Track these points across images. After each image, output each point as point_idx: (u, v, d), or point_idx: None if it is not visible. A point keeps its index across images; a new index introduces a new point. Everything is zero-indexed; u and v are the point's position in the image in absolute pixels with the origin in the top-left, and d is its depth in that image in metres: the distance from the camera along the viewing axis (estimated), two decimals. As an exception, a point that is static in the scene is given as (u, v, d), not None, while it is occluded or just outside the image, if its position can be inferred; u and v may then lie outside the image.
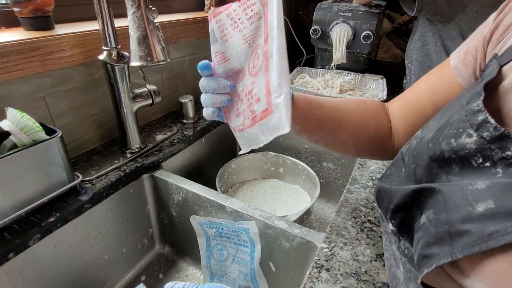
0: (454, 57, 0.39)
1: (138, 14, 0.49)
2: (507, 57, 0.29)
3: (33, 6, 0.55)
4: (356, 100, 0.47)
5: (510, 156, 0.22)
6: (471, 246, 0.21)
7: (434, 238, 0.24)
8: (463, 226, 0.22)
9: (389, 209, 0.30)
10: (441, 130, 0.27)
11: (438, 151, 0.26)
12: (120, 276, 0.68)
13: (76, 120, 0.64)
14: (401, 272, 0.32)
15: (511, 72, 0.27)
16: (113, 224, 0.63)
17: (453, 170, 0.25)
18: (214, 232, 0.61)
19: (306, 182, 0.84)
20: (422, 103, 0.41)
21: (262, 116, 0.32)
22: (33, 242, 0.48)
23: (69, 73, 0.60)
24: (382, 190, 0.32)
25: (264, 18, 0.32)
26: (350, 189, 0.59)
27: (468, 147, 0.24)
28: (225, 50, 0.36)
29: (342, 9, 1.01)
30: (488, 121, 0.24)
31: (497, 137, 0.23)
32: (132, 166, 0.64)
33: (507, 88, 0.27)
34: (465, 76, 0.36)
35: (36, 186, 0.49)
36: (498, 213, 0.21)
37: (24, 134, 0.46)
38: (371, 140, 0.45)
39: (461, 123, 0.26)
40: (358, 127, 0.44)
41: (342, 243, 0.47)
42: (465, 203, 0.23)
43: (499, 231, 0.20)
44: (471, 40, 0.37)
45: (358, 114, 0.44)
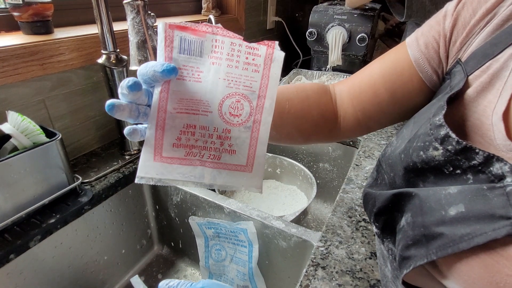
0: (413, 48, 0.36)
1: (137, 20, 0.50)
2: (472, 65, 0.29)
3: (32, 11, 0.56)
4: (296, 86, 0.43)
5: (476, 165, 0.23)
6: (444, 248, 0.22)
7: (412, 240, 0.25)
8: (437, 229, 0.23)
9: (373, 212, 0.31)
10: (411, 142, 0.28)
11: (411, 163, 0.27)
12: (120, 277, 0.69)
13: (75, 122, 0.65)
14: (389, 270, 0.33)
15: (475, 81, 0.27)
16: (112, 225, 0.64)
17: (428, 178, 0.26)
18: (212, 232, 0.62)
19: (303, 182, 0.85)
20: (377, 89, 0.39)
21: (235, 169, 0.32)
22: (33, 243, 0.49)
23: (69, 77, 0.61)
24: (368, 194, 0.33)
25: (261, 77, 0.31)
26: (345, 189, 0.60)
27: (437, 159, 0.25)
28: (203, 71, 0.30)
29: (337, 12, 1.02)
30: (450, 135, 0.24)
31: (461, 150, 0.24)
32: (131, 168, 0.65)
33: (472, 97, 0.27)
34: (427, 72, 0.35)
35: (37, 188, 0.49)
36: (468, 217, 0.22)
37: (25, 137, 0.47)
38: (316, 128, 0.42)
39: (426, 136, 0.26)
40: (301, 117, 0.41)
41: (338, 242, 0.48)
42: (439, 207, 0.23)
43: (469, 233, 0.21)
44: (429, 30, 0.35)
45: (300, 103, 0.41)
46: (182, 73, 0.30)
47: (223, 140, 0.31)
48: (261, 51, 0.31)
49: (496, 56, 0.27)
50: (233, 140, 0.31)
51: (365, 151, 0.74)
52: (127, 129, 0.30)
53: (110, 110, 0.27)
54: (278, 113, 0.39)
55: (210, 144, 0.31)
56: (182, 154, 0.31)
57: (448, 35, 0.32)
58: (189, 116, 0.30)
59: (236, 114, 0.31)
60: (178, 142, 0.30)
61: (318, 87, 0.43)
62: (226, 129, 0.31)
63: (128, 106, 0.28)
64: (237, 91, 0.31)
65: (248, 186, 0.32)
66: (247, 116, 0.31)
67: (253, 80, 0.31)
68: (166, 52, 0.29)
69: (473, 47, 0.30)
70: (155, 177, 0.30)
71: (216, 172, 0.31)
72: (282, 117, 0.39)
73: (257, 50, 0.31)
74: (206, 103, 0.30)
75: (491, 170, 0.22)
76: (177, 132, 0.30)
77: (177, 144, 0.30)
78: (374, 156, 0.72)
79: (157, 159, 0.30)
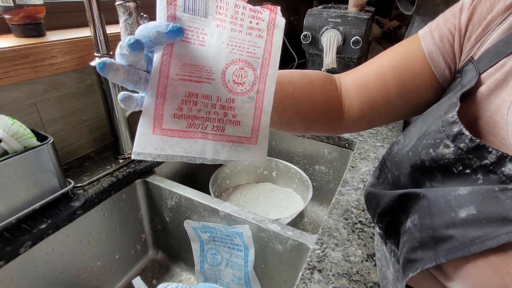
0: (427, 41, 0.35)
1: (130, 21, 0.50)
2: (485, 63, 0.28)
3: (24, 13, 0.55)
4: (300, 71, 0.41)
5: (488, 164, 0.22)
6: (454, 251, 0.22)
7: (419, 243, 0.24)
8: (446, 231, 0.22)
9: (376, 212, 0.30)
10: (420, 140, 0.27)
11: (419, 161, 0.26)
12: (113, 283, 0.68)
13: (68, 126, 0.64)
14: (390, 272, 0.32)
15: (488, 79, 0.27)
16: (106, 230, 0.63)
17: (436, 177, 0.26)
18: (207, 236, 0.62)
19: (299, 185, 0.85)
20: (386, 81, 0.38)
21: (239, 141, 0.30)
22: (24, 249, 0.48)
23: (61, 80, 0.60)
24: (371, 194, 0.32)
25: (265, 43, 0.30)
26: (341, 191, 0.60)
27: (447, 157, 0.24)
28: (207, 34, 0.27)
29: (331, 15, 1.03)
30: (463, 133, 0.24)
31: (473, 148, 0.23)
32: (125, 171, 0.64)
33: (484, 94, 0.27)
34: (441, 67, 0.34)
35: (28, 193, 0.48)
36: (480, 219, 0.21)
37: (15, 140, 0.46)
38: (318, 115, 0.41)
39: (438, 133, 0.26)
40: (304, 102, 0.39)
41: (334, 244, 0.48)
42: (449, 209, 0.23)
43: (480, 236, 0.21)
44: (444, 23, 0.34)
45: (303, 87, 0.39)
46: (187, 34, 0.27)
47: (227, 110, 0.29)
48: (265, 15, 0.29)
49: (510, 54, 0.26)
50: (237, 110, 0.29)
51: (360, 153, 0.74)
52: (121, 94, 0.27)
53: (101, 68, 0.24)
54: (280, 96, 0.37)
55: (213, 115, 0.29)
56: (184, 126, 0.28)
57: (464, 29, 0.31)
58: (192, 84, 0.28)
59: (240, 82, 0.29)
60: (180, 113, 0.28)
61: (324, 75, 0.42)
62: (229, 98, 0.29)
63: (125, 68, 0.25)
64: (241, 57, 0.29)
65: (252, 159, 0.30)
66: (250, 85, 0.30)
67: (256, 46, 0.29)
68: (168, 10, 0.26)
69: (487, 44, 0.29)
70: (154, 152, 0.27)
71: (220, 146, 0.29)
72: (285, 100, 0.37)
73: (260, 14, 0.29)
74: (209, 70, 0.28)
75: (503, 170, 0.22)
76: (179, 101, 0.27)
77: (179, 114, 0.28)
78: (370, 158, 0.72)
79: (156, 132, 0.27)
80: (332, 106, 0.41)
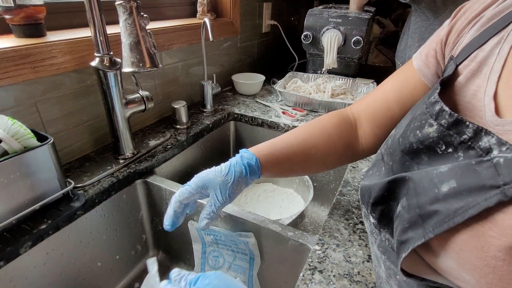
0: (417, 59, 0.41)
1: (130, 21, 0.50)
2: (461, 57, 0.31)
3: (24, 14, 0.55)
4: (318, 129, 0.47)
5: (466, 140, 0.24)
6: (440, 224, 0.23)
7: (408, 223, 0.26)
8: (431, 207, 0.24)
9: (369, 203, 0.32)
10: (408, 125, 0.30)
11: (408, 144, 0.29)
12: (114, 283, 0.68)
13: (68, 126, 0.64)
14: (383, 270, 0.33)
15: (465, 69, 0.30)
16: (106, 230, 0.63)
17: (423, 160, 0.28)
18: (211, 239, 0.61)
19: (299, 185, 0.85)
20: (389, 103, 0.43)
21: None
22: (24, 250, 0.48)
23: (61, 80, 0.60)
24: (363, 187, 0.34)
25: None
26: (342, 191, 0.60)
27: (431, 136, 0.27)
28: None
29: (332, 15, 1.03)
30: (444, 109, 0.26)
31: (453, 123, 0.25)
32: (125, 172, 0.64)
33: (462, 83, 0.30)
34: (428, 76, 0.39)
35: (28, 193, 0.48)
36: (460, 191, 0.23)
37: (16, 141, 0.46)
38: (340, 158, 0.47)
39: (423, 115, 0.28)
40: (327, 156, 0.46)
41: (335, 245, 0.47)
42: (432, 186, 0.24)
43: (462, 207, 0.22)
44: (430, 43, 0.39)
45: (324, 145, 0.45)
46: None
47: None
48: None
49: (481, 46, 0.30)
50: None
51: (361, 153, 0.73)
52: None
53: None
54: (305, 158, 0.44)
55: None
56: None
57: (444, 39, 0.36)
58: None
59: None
60: None
61: (338, 120, 0.47)
62: None
63: None
64: None
65: None
66: None
67: None
68: None
69: (463, 44, 0.33)
70: None
71: None
72: (309, 161, 0.45)
73: None
74: None
75: (480, 144, 0.24)
76: None
77: None
78: (371, 158, 0.71)
79: None
80: (351, 144, 0.47)
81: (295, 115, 0.91)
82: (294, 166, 0.45)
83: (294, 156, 0.44)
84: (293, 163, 0.45)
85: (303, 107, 0.97)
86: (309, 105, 0.96)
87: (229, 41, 1.11)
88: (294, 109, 0.96)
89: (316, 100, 0.93)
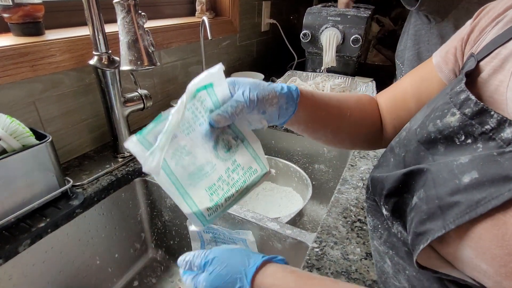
0: (437, 56, 0.41)
1: (128, 19, 0.50)
2: (483, 53, 0.31)
3: (23, 12, 0.55)
4: (355, 97, 0.48)
5: (488, 130, 0.24)
6: (462, 215, 0.23)
7: (427, 215, 0.25)
8: (452, 198, 0.24)
9: (382, 195, 0.32)
10: (428, 116, 0.30)
11: (425, 134, 0.29)
12: (113, 282, 0.68)
13: (67, 125, 0.64)
14: (388, 265, 0.33)
15: (487, 66, 0.30)
16: (105, 229, 0.63)
17: (439, 150, 0.27)
18: (210, 237, 0.61)
19: (298, 184, 0.85)
20: (407, 97, 0.44)
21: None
22: (23, 248, 0.48)
23: (60, 78, 0.60)
24: (374, 179, 0.34)
25: None
26: (340, 189, 0.60)
27: (452, 125, 0.26)
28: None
29: (331, 14, 1.03)
30: (470, 98, 0.26)
31: (477, 112, 0.25)
32: (124, 170, 0.64)
33: (485, 79, 0.30)
34: (445, 72, 0.39)
35: (26, 192, 0.48)
36: (483, 182, 0.22)
37: (14, 139, 0.46)
38: (367, 135, 0.47)
39: (445, 105, 0.28)
40: (357, 125, 0.45)
41: (333, 243, 0.48)
42: (452, 177, 0.24)
43: (485, 197, 0.22)
44: (452, 41, 0.39)
45: (358, 112, 0.45)
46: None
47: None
48: None
49: (504, 43, 0.29)
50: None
51: (360, 151, 0.73)
52: None
53: None
54: (339, 116, 0.44)
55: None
56: None
57: (465, 38, 0.36)
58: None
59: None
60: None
61: (370, 99, 0.48)
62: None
63: None
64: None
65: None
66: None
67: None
68: None
69: (485, 41, 0.32)
70: None
71: None
72: (343, 121, 0.44)
73: None
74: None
75: (502, 136, 0.23)
76: None
77: None
78: (369, 156, 0.72)
79: None
80: (377, 125, 0.47)
81: (294, 114, 0.91)
82: (329, 119, 0.43)
83: (331, 108, 0.43)
84: (329, 114, 0.43)
85: (302, 105, 0.97)
86: (308, 103, 0.96)
87: (228, 39, 1.11)
88: (293, 108, 0.96)
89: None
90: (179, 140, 0.33)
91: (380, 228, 0.35)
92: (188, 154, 0.34)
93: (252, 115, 0.37)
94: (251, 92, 0.35)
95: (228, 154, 0.37)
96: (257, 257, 0.35)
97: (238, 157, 0.37)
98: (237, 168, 0.38)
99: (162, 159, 0.31)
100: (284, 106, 0.38)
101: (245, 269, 0.34)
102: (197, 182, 0.35)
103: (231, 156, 0.37)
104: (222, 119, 0.34)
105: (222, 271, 0.35)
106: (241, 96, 0.34)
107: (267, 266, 0.35)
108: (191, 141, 0.34)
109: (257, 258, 0.35)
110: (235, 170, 0.37)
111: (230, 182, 0.37)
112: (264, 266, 0.35)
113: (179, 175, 0.33)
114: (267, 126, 0.39)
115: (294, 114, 0.39)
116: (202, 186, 0.35)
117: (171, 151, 0.33)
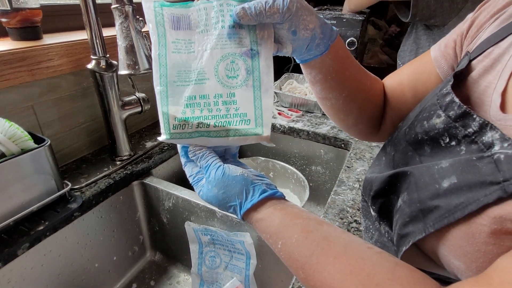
0: (435, 49, 0.40)
1: (125, 25, 0.51)
2: (476, 52, 0.31)
3: (21, 17, 0.56)
4: (372, 74, 0.45)
5: (471, 133, 0.25)
6: (441, 219, 0.24)
7: (409, 217, 0.26)
8: (432, 202, 0.24)
9: (370, 195, 0.32)
10: (417, 116, 0.30)
11: (413, 134, 0.29)
12: (111, 284, 0.68)
13: (65, 128, 0.64)
14: None
15: (478, 65, 0.30)
16: (103, 232, 0.63)
17: (425, 151, 0.28)
18: (208, 239, 0.62)
19: (295, 186, 0.85)
20: (403, 87, 0.43)
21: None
22: (21, 251, 0.48)
23: (58, 82, 0.61)
24: (366, 179, 0.35)
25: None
26: (337, 191, 0.61)
27: (437, 127, 0.27)
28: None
29: (326, 17, 1.04)
30: (454, 100, 0.26)
31: (460, 115, 0.26)
32: (122, 173, 0.64)
33: (475, 78, 0.30)
34: (443, 68, 0.38)
35: (25, 195, 0.49)
36: (461, 187, 0.23)
37: (13, 143, 0.46)
38: (372, 117, 0.45)
39: (433, 106, 0.28)
40: (368, 100, 0.43)
41: (329, 243, 0.48)
42: (433, 181, 0.25)
43: (463, 202, 0.23)
44: (451, 35, 0.39)
45: (372, 87, 0.43)
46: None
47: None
48: None
49: (498, 43, 0.29)
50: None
51: (356, 153, 0.74)
52: None
53: None
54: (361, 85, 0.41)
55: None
56: None
57: (464, 33, 0.36)
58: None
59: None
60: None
61: (381, 82, 0.46)
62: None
63: None
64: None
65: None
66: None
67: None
68: None
69: (481, 39, 0.32)
70: None
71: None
72: (362, 91, 0.41)
73: None
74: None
75: (483, 139, 0.24)
76: None
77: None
78: (365, 158, 0.72)
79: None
80: (381, 108, 0.45)
81: (290, 116, 0.92)
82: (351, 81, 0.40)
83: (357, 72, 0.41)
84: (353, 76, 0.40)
85: (299, 108, 0.98)
86: (305, 106, 0.97)
87: (225, 42, 1.12)
88: (289, 110, 0.96)
89: (311, 101, 0.94)
90: (191, 34, 0.31)
91: (371, 228, 0.35)
92: (190, 52, 0.31)
93: (280, 30, 0.32)
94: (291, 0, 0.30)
95: (230, 81, 0.31)
96: (256, 193, 0.33)
97: (238, 93, 0.31)
98: (229, 104, 0.32)
99: None
100: (316, 38, 0.33)
101: (241, 202, 0.32)
102: (181, 84, 0.31)
103: (232, 87, 0.31)
104: (246, 14, 0.29)
105: (219, 195, 0.33)
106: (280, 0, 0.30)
107: (262, 201, 0.33)
108: (200, 41, 0.31)
109: (255, 195, 0.32)
110: (226, 103, 0.31)
111: (213, 109, 0.31)
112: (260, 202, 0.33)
113: (171, 66, 0.31)
114: (290, 53, 0.34)
115: (321, 56, 0.35)
116: (183, 92, 0.31)
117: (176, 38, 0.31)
